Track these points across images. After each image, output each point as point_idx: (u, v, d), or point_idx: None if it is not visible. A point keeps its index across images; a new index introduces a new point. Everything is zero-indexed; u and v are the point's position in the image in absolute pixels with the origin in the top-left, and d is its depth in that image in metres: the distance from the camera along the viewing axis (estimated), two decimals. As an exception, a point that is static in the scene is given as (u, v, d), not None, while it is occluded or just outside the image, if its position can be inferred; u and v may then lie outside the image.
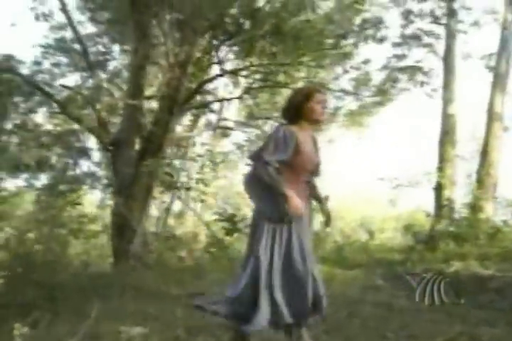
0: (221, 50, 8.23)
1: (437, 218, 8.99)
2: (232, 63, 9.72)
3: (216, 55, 8.06)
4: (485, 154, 9.67)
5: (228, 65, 9.56)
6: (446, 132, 10.60)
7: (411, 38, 10.07)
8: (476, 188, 9.22)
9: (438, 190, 9.87)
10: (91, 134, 8.07)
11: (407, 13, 9.35)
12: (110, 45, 10.26)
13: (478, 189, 9.16)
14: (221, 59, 8.20)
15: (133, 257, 6.67)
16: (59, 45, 9.71)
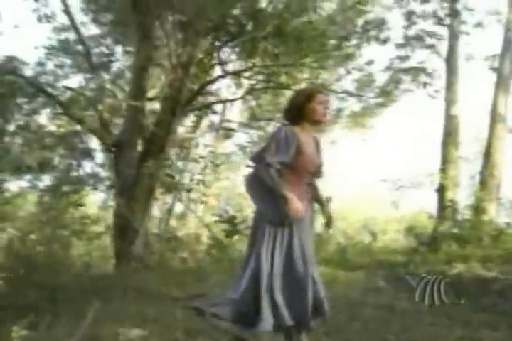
0: (223, 51, 8.24)
1: (440, 220, 8.96)
2: (234, 64, 9.72)
3: (218, 56, 8.06)
4: (488, 155, 9.62)
5: (231, 66, 9.58)
6: (449, 133, 10.56)
7: (414, 39, 10.03)
8: (479, 190, 9.17)
9: (441, 192, 9.83)
10: (93, 135, 8.07)
11: (410, 14, 9.32)
12: (113, 47, 10.28)
13: (481, 190, 9.12)
14: (223, 60, 8.21)
15: (134, 258, 6.67)
16: (62, 47, 9.72)
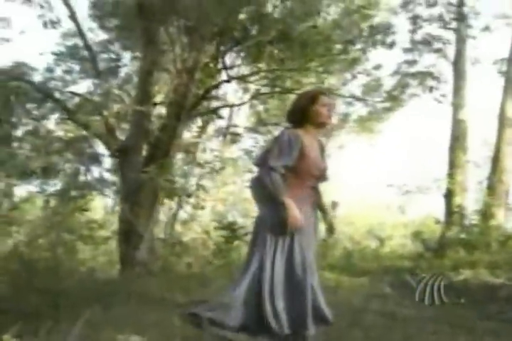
0: (228, 56, 8.25)
1: (448, 225, 8.89)
2: (240, 69, 9.73)
3: (222, 61, 8.07)
4: (496, 160, 9.55)
5: (237, 71, 9.58)
6: (456, 138, 10.49)
7: (421, 44, 10.00)
8: (487, 195, 9.10)
9: (448, 197, 9.77)
10: (99, 140, 8.11)
11: (415, 18, 9.29)
12: (121, 52, 10.33)
13: (489, 195, 9.05)
14: (227, 65, 8.21)
15: (139, 264, 6.67)
16: (70, 52, 9.79)
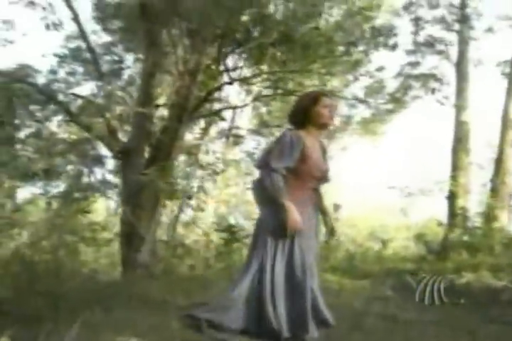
0: (231, 58, 8.25)
1: (450, 227, 8.86)
2: (243, 71, 9.72)
3: (224, 63, 8.07)
4: (500, 162, 9.51)
5: (239, 73, 9.57)
6: (459, 140, 10.46)
7: (424, 45, 9.98)
8: (491, 197, 9.06)
9: (451, 199, 9.73)
10: (101, 142, 8.12)
11: (418, 20, 9.28)
12: (124, 54, 10.35)
13: (492, 198, 9.01)
14: (229, 67, 8.21)
15: (140, 266, 6.66)
16: (73, 54, 9.82)
